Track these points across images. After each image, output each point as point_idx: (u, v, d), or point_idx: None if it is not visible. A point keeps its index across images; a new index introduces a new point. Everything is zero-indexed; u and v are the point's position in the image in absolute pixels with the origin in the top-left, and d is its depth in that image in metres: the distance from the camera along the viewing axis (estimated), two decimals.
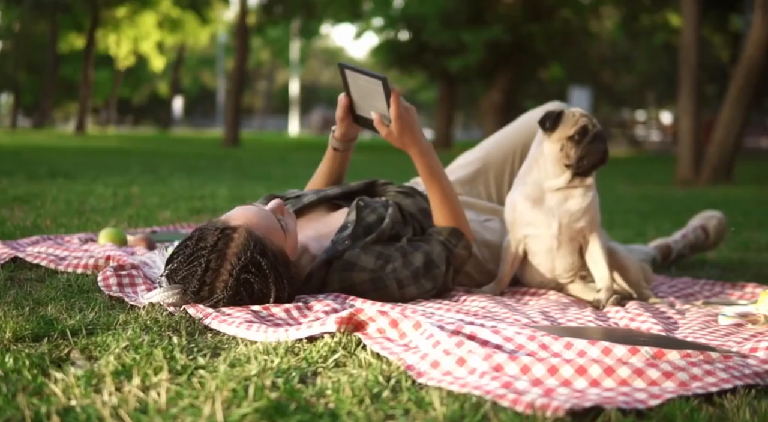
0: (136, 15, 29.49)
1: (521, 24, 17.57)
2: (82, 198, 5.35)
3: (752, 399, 1.52)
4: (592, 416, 1.42)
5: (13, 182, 6.50)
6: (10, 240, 3.20)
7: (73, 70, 35.96)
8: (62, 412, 1.38)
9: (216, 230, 2.20)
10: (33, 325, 1.91)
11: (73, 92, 38.02)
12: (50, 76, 32.07)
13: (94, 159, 11.43)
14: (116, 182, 6.83)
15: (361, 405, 1.48)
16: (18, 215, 4.27)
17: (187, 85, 53.61)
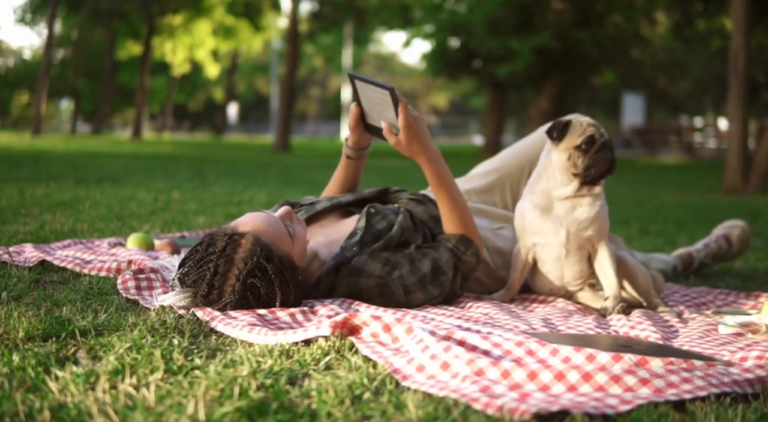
0: (191, 23, 29.96)
1: (570, 30, 17.46)
2: (124, 203, 5.49)
3: (723, 407, 1.54)
4: (559, 420, 1.46)
5: (60, 187, 6.69)
6: (43, 244, 3.33)
7: (131, 77, 36.71)
8: (55, 408, 1.46)
9: (225, 235, 2.28)
10: (45, 325, 2.01)
11: (130, 99, 38.74)
12: (108, 83, 32.73)
13: (143, 164, 11.66)
14: (159, 188, 6.99)
15: (342, 405, 1.54)
16: (59, 219, 4.41)
17: (242, 91, 54.28)
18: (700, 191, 10.64)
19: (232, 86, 44.19)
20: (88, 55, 37.47)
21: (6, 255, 3.01)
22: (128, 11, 26.77)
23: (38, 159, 11.84)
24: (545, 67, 18.70)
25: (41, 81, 24.56)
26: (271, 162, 14.50)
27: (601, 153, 2.52)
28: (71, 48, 39.57)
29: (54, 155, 13.42)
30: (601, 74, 24.68)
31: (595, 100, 34.96)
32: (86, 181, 7.54)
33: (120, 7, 26.00)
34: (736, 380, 1.68)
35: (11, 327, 1.96)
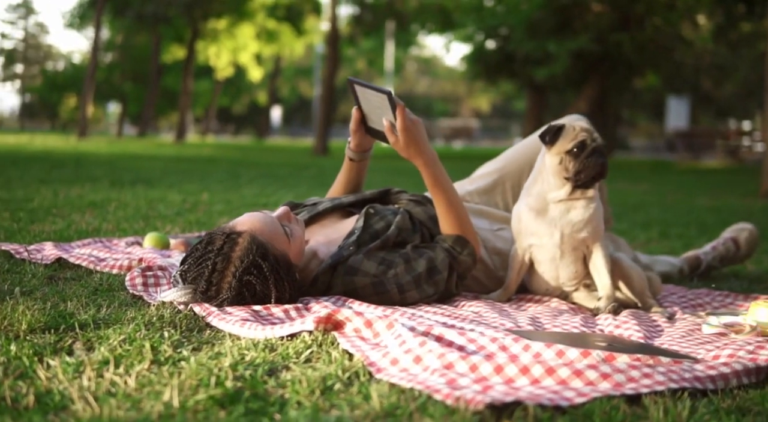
0: (234, 27, 30.32)
1: (609, 33, 17.37)
2: (152, 204, 5.63)
3: (675, 401, 1.59)
4: (512, 410, 1.52)
5: (95, 188, 6.87)
6: (64, 242, 3.46)
7: (176, 81, 37.23)
8: (41, 394, 1.56)
9: (223, 234, 2.37)
10: (47, 318, 2.11)
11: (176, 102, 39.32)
12: (153, 87, 33.23)
13: (181, 167, 11.87)
14: (190, 189, 7.14)
15: (312, 395, 1.62)
16: (87, 219, 4.56)
17: (285, 94, 54.71)
18: (737, 196, 10.53)
19: (275, 90, 44.57)
20: (135, 59, 38.11)
21: (25, 253, 3.14)
22: (172, 16, 27.18)
23: (80, 161, 12.09)
24: (584, 70, 18.62)
25: (87, 85, 25.03)
26: (308, 165, 14.64)
27: (591, 158, 2.56)
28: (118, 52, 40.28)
29: (96, 158, 13.70)
30: (643, 77, 24.48)
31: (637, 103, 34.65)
32: (121, 183, 7.72)
33: (164, 12, 26.42)
34: (698, 376, 1.73)
35: (15, 319, 2.07)
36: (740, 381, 1.78)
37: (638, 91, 29.75)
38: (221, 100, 45.84)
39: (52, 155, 13.70)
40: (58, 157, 13.20)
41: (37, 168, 9.79)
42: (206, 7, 27.11)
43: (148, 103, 33.73)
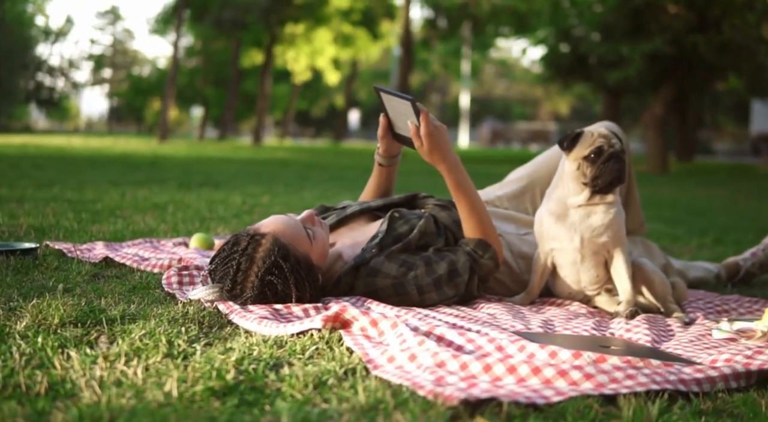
0: (310, 32, 30.72)
1: (685, 35, 17.04)
2: (213, 206, 5.82)
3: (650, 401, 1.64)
4: (487, 406, 1.59)
5: (162, 190, 7.11)
6: (116, 242, 3.64)
7: (255, 85, 37.91)
8: (55, 383, 1.69)
9: (247, 236, 2.49)
10: (78, 313, 2.26)
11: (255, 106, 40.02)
12: (233, 91, 33.90)
13: (252, 169, 12.13)
14: (254, 192, 7.32)
15: (306, 389, 1.72)
16: (146, 220, 4.75)
17: (363, 98, 55.08)
18: None
19: (352, 93, 44.93)
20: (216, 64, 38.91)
21: (77, 252, 3.31)
22: (249, 21, 27.71)
23: (156, 164, 12.47)
24: (659, 73, 18.30)
25: (168, 89, 25.71)
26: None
27: (608, 163, 2.60)
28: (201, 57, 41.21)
29: (172, 160, 14.09)
30: (725, 80, 23.90)
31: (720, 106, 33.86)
32: (189, 185, 7.96)
33: (241, 18, 26.96)
34: (683, 379, 1.77)
35: (49, 314, 2.22)
36: (728, 385, 1.81)
37: (720, 94, 29.06)
38: (300, 103, 46.46)
39: (131, 158, 14.14)
40: (135, 160, 13.62)
41: (113, 170, 10.15)
42: (282, 12, 27.56)
43: (228, 108, 34.41)
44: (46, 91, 55.03)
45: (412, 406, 1.60)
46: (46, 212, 4.90)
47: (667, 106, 18.50)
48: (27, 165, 10.58)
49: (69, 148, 18.25)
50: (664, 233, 5.46)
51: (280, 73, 39.50)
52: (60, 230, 4.09)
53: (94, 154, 15.54)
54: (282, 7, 27.29)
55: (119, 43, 69.43)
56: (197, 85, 40.51)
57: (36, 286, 2.65)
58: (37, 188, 6.78)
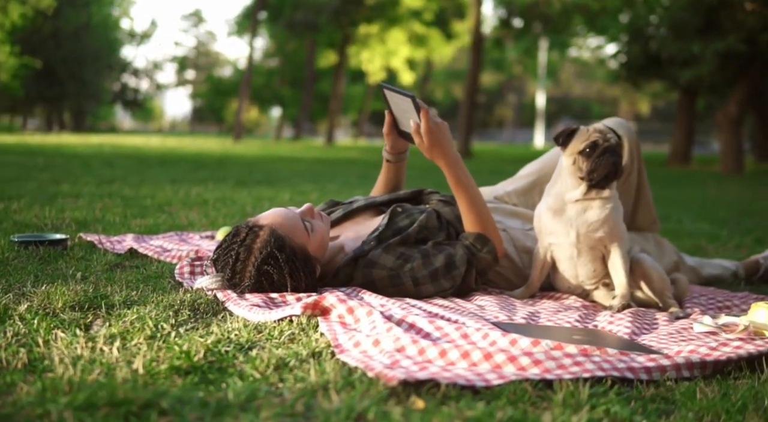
0: (384, 32, 30.91)
1: (760, 33, 16.59)
2: (259, 203, 5.97)
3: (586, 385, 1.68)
4: (427, 387, 1.66)
5: (216, 187, 7.32)
6: (146, 235, 3.80)
7: (330, 85, 38.32)
8: (35, 359, 1.82)
9: (247, 227, 2.60)
10: (82, 298, 2.40)
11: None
12: (307, 91, 34.33)
13: (315, 168, 12.32)
14: (305, 189, 7.47)
15: (267, 370, 1.81)
16: (190, 216, 4.92)
17: (439, 98, 55.10)
18: None
19: (427, 93, 44.99)
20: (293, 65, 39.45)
21: (108, 243, 3.48)
22: (321, 23, 28.05)
23: (222, 163, 12.77)
24: (733, 72, 17.88)
25: (243, 90, 26.20)
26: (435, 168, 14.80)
27: (603, 157, 2.63)
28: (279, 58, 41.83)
29: (240, 160, 14.39)
30: None
31: None
32: (246, 182, 8.16)
33: (313, 19, 27.31)
34: (633, 367, 1.81)
35: (54, 299, 2.37)
36: (680, 374, 1.84)
37: None
38: (376, 104, 46.70)
39: (200, 157, 14.49)
40: (204, 159, 13.95)
41: (178, 169, 10.44)
42: (354, 13, 27.81)
43: (302, 108, 34.86)
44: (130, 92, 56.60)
45: (358, 386, 1.68)
46: (96, 206, 5.12)
47: (741, 105, 18.06)
48: (98, 163, 10.97)
49: (145, 147, 18.79)
50: (706, 232, 5.40)
51: (355, 74, 39.82)
52: (102, 223, 4.28)
53: (166, 153, 15.96)
54: (353, 8, 27.54)
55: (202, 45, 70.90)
56: (274, 86, 41.12)
57: (56, 274, 2.81)
58: (98, 185, 7.05)
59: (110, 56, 50.02)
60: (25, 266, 2.89)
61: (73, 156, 12.75)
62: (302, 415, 1.52)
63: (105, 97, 52.26)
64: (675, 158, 20.89)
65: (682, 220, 6.28)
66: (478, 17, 21.64)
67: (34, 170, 8.86)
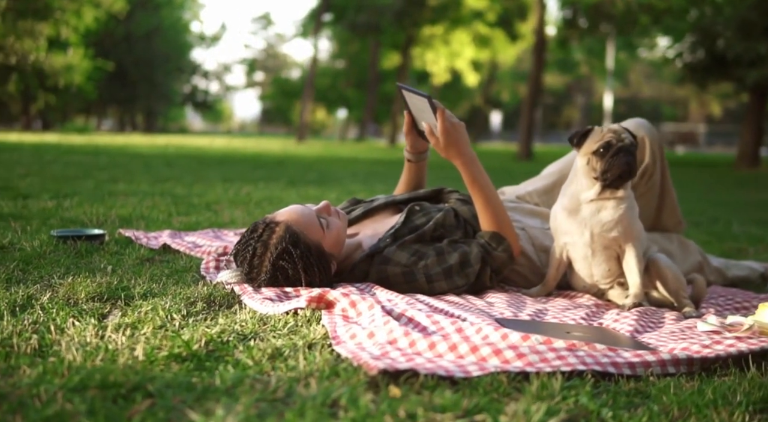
0: (448, 33, 30.90)
1: None
2: (305, 201, 6.07)
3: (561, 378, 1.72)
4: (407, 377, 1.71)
5: (267, 186, 7.46)
6: (181, 231, 3.92)
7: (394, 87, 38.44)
8: (46, 345, 1.92)
9: (264, 224, 2.68)
10: (104, 290, 2.51)
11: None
12: (371, 93, 34.50)
13: (370, 169, 12.42)
14: (353, 189, 7.56)
15: (262, 358, 1.89)
16: (234, 214, 5.04)
17: (506, 99, 54.84)
18: None
19: (492, 94, 44.83)
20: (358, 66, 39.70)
21: (144, 239, 3.60)
22: (383, 24, 28.19)
23: (281, 163, 12.95)
24: None
25: (306, 91, 26.48)
26: (500, 168, 14.79)
27: (617, 157, 2.65)
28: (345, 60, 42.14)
29: (298, 160, 14.56)
30: None
31: None
32: (297, 182, 8.29)
33: (376, 21, 27.47)
34: (616, 362, 1.84)
35: (78, 289, 2.48)
36: (664, 370, 1.86)
37: None
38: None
39: (260, 158, 14.72)
40: (264, 159, 14.17)
41: (236, 169, 10.64)
42: (416, 15, 27.89)
43: (366, 109, 35.05)
44: (200, 94, 57.63)
45: (342, 375, 1.74)
46: (145, 204, 5.28)
47: None
48: (158, 163, 11.23)
49: (207, 148, 19.13)
50: (752, 235, 5.32)
51: (420, 75, 39.87)
52: (145, 220, 4.42)
53: (227, 153, 16.24)
54: (415, 10, 27.62)
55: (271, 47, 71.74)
56: (340, 87, 41.45)
57: (88, 267, 2.93)
58: (152, 184, 7.25)
59: (180, 59, 51.08)
60: (59, 260, 3.02)
61: (136, 156, 13.08)
62: (281, 401, 1.59)
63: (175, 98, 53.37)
64: (743, 160, 20.45)
65: (731, 222, 6.20)
66: (541, 18, 21.50)
67: (96, 169, 9.14)
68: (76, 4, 33.30)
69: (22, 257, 3.02)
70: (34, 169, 8.53)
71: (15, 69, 32.95)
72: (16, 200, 5.16)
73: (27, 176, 7.45)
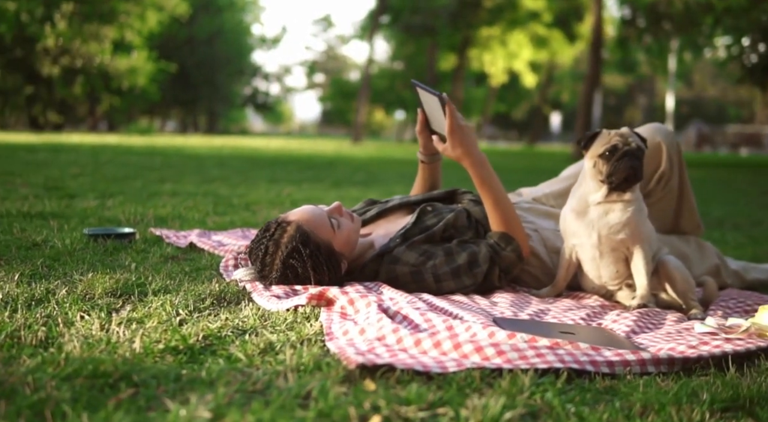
0: (505, 34, 30.77)
1: None
2: (342, 202, 6.16)
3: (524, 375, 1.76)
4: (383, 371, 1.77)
5: (311, 187, 7.57)
6: (211, 231, 4.03)
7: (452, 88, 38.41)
8: (51, 337, 2.02)
9: (276, 223, 2.76)
10: (120, 286, 2.61)
11: None
12: None
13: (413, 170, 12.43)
14: (395, 190, 7.62)
15: (254, 352, 1.96)
16: (271, 214, 5.14)
17: (566, 100, 54.36)
18: None
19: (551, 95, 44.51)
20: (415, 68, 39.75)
21: (174, 237, 3.72)
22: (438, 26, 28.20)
23: (332, 164, 13.08)
24: None
25: (362, 93, 26.63)
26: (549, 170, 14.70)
27: (622, 161, 2.67)
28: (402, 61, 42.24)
29: (350, 161, 14.68)
30: None
31: None
32: (342, 183, 8.39)
33: (430, 23, 27.49)
34: (595, 360, 1.87)
35: (95, 286, 2.59)
36: (644, 369, 1.89)
37: None
38: (499, 106, 46.52)
39: (312, 159, 14.87)
40: (315, 161, 14.31)
41: (285, 170, 10.78)
42: (471, 17, 27.83)
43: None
44: (261, 96, 58.28)
45: (324, 369, 1.81)
46: (185, 204, 5.42)
47: None
48: (211, 164, 11.44)
49: (263, 149, 19.38)
50: None
51: (478, 76, 39.78)
52: (180, 219, 4.55)
53: (281, 154, 16.44)
54: (470, 11, 27.57)
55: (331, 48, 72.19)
56: (397, 88, 41.56)
57: (112, 264, 3.04)
58: (198, 184, 7.41)
59: (241, 61, 51.76)
60: (85, 257, 3.14)
61: (190, 157, 13.33)
62: (259, 392, 1.66)
63: (236, 100, 54.09)
64: None
65: None
66: (598, 18, 21.30)
67: (148, 169, 9.35)
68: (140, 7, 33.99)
69: (52, 254, 3.14)
70: (88, 169, 8.77)
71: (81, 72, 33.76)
72: (62, 199, 5.33)
73: (79, 176, 7.67)
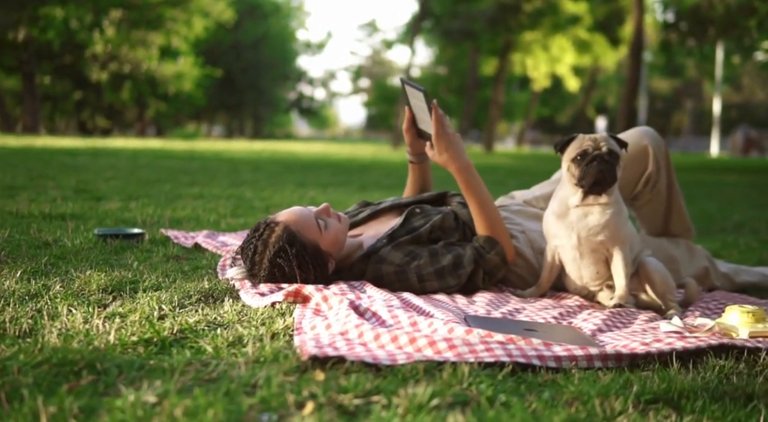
0: (547, 39, 30.65)
1: None
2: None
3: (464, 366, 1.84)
4: (333, 363, 1.86)
5: (336, 190, 7.69)
6: (220, 232, 4.16)
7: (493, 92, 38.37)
8: (33, 329, 2.13)
9: (265, 224, 2.87)
10: (114, 283, 2.74)
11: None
12: (470, 99, 34.52)
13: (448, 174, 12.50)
14: None
15: (224, 344, 2.07)
16: None
17: (612, 103, 53.91)
18: None
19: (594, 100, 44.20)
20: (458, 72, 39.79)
21: (182, 238, 3.85)
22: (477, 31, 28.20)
23: (365, 168, 13.21)
24: None
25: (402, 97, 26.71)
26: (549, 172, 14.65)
27: (591, 165, 2.73)
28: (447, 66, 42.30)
29: (384, 165, 14.78)
30: None
31: None
32: (368, 187, 8.49)
33: (470, 27, 27.51)
34: (543, 355, 1.95)
35: (90, 282, 2.72)
36: (591, 364, 1.96)
37: None
38: (543, 110, 46.32)
39: (347, 163, 15.01)
40: (350, 164, 14.45)
41: (317, 174, 10.92)
42: (510, 21, 27.80)
43: (464, 115, 35.10)
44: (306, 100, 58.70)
45: (281, 361, 1.90)
46: (206, 207, 5.57)
47: None
48: (246, 167, 11.63)
49: (301, 153, 19.59)
50: None
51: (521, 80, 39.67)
52: (195, 221, 4.69)
53: (318, 158, 16.61)
54: (510, 16, 27.54)
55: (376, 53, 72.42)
56: (440, 93, 41.60)
57: (115, 262, 3.17)
58: (226, 187, 7.57)
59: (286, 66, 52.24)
60: (90, 256, 3.28)
61: (227, 161, 13.55)
62: (212, 381, 1.76)
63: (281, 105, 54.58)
64: None
65: None
66: (639, 22, 21.16)
67: (182, 173, 9.55)
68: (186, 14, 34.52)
69: (58, 253, 3.29)
70: (123, 173, 8.99)
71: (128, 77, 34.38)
72: (88, 201, 5.51)
73: (111, 179, 7.88)
